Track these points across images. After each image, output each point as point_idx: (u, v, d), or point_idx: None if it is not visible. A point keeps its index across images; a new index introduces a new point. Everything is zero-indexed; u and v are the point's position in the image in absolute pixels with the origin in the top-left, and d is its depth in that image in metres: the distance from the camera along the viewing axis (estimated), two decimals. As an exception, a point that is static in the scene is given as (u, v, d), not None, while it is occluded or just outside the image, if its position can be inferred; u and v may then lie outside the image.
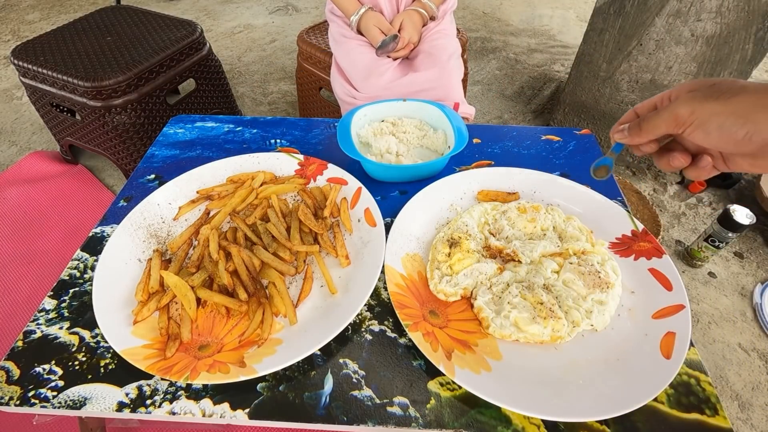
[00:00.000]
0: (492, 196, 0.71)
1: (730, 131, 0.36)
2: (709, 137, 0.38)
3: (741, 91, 0.36)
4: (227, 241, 0.62)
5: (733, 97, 0.36)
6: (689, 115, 0.38)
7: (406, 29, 1.11)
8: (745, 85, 0.36)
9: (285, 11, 2.90)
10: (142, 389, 0.50)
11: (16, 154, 1.78)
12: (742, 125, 0.35)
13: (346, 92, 1.15)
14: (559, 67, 2.33)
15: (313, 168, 0.75)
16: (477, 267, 0.59)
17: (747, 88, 0.36)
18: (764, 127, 0.35)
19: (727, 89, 0.37)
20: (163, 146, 0.84)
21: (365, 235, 0.64)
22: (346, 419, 0.48)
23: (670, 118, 0.39)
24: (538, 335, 0.52)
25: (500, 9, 2.92)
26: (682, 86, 0.41)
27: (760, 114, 0.35)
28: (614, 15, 1.44)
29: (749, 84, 0.36)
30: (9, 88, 2.18)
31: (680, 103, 0.38)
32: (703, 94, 0.38)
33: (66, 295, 0.59)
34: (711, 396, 0.49)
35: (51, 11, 2.88)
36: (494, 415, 0.48)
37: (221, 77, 1.67)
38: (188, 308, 0.54)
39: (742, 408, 1.06)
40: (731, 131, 0.36)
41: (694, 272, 1.36)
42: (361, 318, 0.57)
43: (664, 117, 0.39)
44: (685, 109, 0.38)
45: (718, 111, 0.36)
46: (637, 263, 0.60)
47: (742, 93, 0.36)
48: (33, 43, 1.44)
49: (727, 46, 1.31)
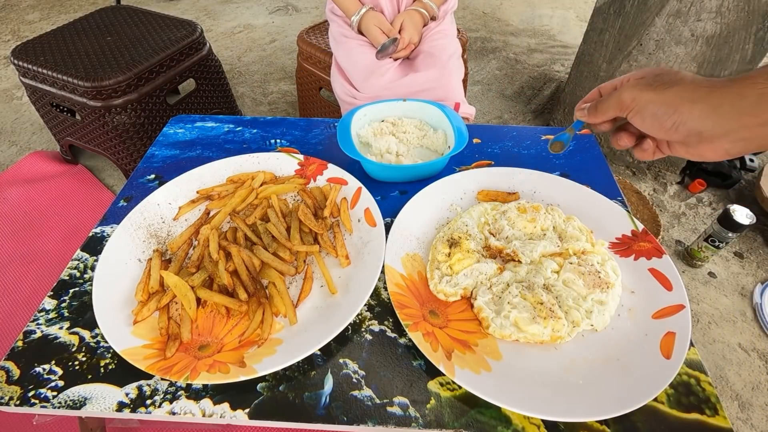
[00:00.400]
0: (492, 196, 0.71)
1: (661, 120, 0.39)
2: (645, 123, 0.41)
3: (676, 82, 0.39)
4: (227, 241, 0.62)
5: (668, 88, 0.39)
6: (630, 101, 0.41)
7: (406, 29, 1.11)
8: (682, 77, 0.39)
9: (285, 11, 2.90)
10: (142, 389, 0.50)
11: (16, 154, 1.79)
12: (671, 116, 0.38)
13: (347, 92, 1.15)
14: (559, 67, 2.33)
15: (313, 168, 0.75)
16: (477, 267, 0.59)
17: (683, 79, 0.39)
18: (688, 117, 0.37)
19: (667, 80, 0.39)
20: (163, 146, 0.84)
21: (365, 235, 0.64)
22: (346, 419, 0.48)
23: (616, 103, 0.42)
24: (538, 335, 0.52)
25: (500, 9, 2.92)
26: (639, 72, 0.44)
27: (686, 105, 0.37)
28: (614, 15, 1.44)
29: (686, 76, 0.39)
30: (9, 88, 2.18)
31: (626, 89, 0.42)
32: (646, 82, 0.41)
33: (66, 295, 0.59)
34: (711, 396, 0.49)
35: (51, 11, 2.88)
36: (494, 415, 0.48)
37: (221, 77, 1.67)
38: (188, 308, 0.54)
39: (742, 408, 1.06)
40: (662, 120, 0.39)
41: (694, 272, 1.36)
42: (361, 318, 0.57)
43: (612, 101, 0.43)
44: (628, 95, 0.41)
45: (653, 99, 0.39)
46: (637, 263, 0.60)
47: (677, 84, 0.38)
48: (33, 43, 1.44)
49: (727, 46, 1.31)
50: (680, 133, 0.38)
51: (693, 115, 0.37)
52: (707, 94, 0.37)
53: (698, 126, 0.37)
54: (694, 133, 0.38)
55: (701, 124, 0.37)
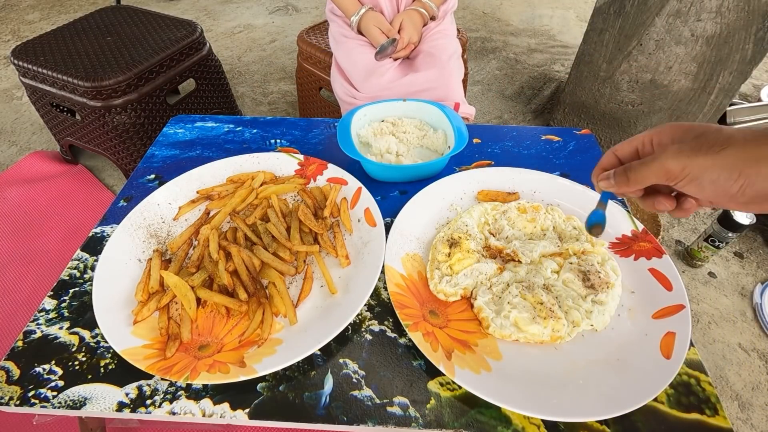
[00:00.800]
0: (492, 196, 0.71)
1: (724, 186, 0.36)
2: (704, 192, 0.37)
3: (729, 142, 0.35)
4: (227, 241, 0.62)
5: (722, 150, 0.35)
6: (680, 170, 0.37)
7: (406, 29, 1.11)
8: (732, 135, 0.36)
9: (285, 11, 2.90)
10: (142, 389, 0.50)
11: (16, 154, 1.78)
12: (736, 180, 0.35)
13: (347, 92, 1.15)
14: (559, 67, 2.33)
15: (313, 168, 0.75)
16: (477, 267, 0.59)
17: (734, 138, 0.36)
18: (756, 180, 0.34)
19: (714, 140, 0.36)
20: (163, 146, 0.84)
21: (365, 235, 0.64)
22: (346, 419, 0.48)
23: (660, 172, 0.38)
24: (538, 335, 0.52)
25: (500, 9, 2.92)
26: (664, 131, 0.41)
27: (753, 168, 0.34)
28: (614, 15, 1.44)
29: (736, 133, 0.36)
30: (9, 88, 2.18)
31: (669, 157, 0.38)
32: (690, 147, 0.37)
33: (66, 295, 0.59)
34: (711, 396, 0.49)
35: (51, 11, 2.88)
36: (494, 415, 0.48)
37: (221, 77, 1.67)
38: (188, 308, 0.54)
39: (742, 408, 1.06)
40: (725, 186, 0.36)
41: (694, 272, 1.36)
42: (361, 318, 0.57)
43: (653, 170, 0.39)
44: (675, 165, 0.37)
45: (710, 166, 0.36)
46: (637, 263, 0.60)
47: (731, 145, 0.35)
48: (33, 43, 1.44)
49: (727, 46, 1.31)
50: (747, 196, 0.35)
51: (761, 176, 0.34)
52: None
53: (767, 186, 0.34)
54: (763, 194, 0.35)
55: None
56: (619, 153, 0.44)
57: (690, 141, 0.38)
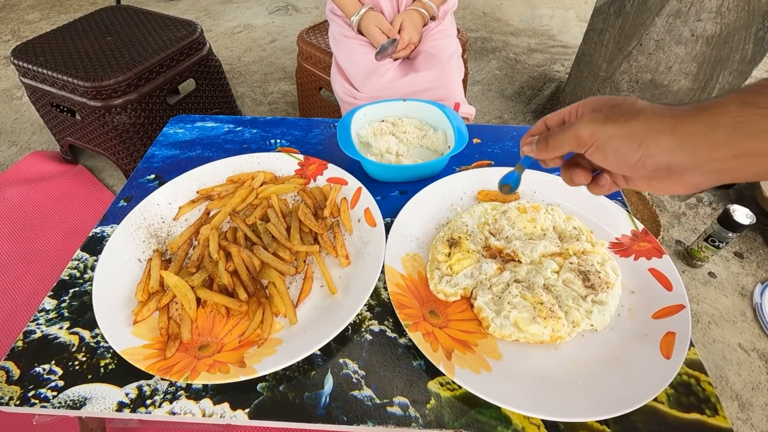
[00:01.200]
0: (492, 196, 0.71)
1: (625, 155, 0.36)
2: (607, 159, 0.38)
3: (638, 113, 0.36)
4: (227, 241, 0.62)
5: (630, 120, 0.36)
6: (590, 136, 0.38)
7: (406, 29, 1.11)
8: (642, 108, 0.36)
9: (285, 11, 2.90)
10: (142, 389, 0.50)
11: (16, 154, 1.79)
12: (636, 150, 0.35)
13: (347, 92, 1.15)
14: (559, 67, 2.33)
15: (313, 168, 0.75)
16: (477, 267, 0.59)
17: (643, 110, 0.36)
18: (655, 151, 0.35)
19: (626, 111, 0.37)
20: (163, 146, 0.84)
21: (365, 235, 0.64)
22: (346, 419, 0.48)
23: (573, 138, 0.39)
24: (538, 335, 0.52)
25: (500, 9, 2.92)
26: (588, 102, 0.41)
27: (652, 139, 0.35)
28: (614, 15, 1.44)
29: (646, 106, 0.36)
30: (9, 88, 2.18)
31: (582, 123, 0.38)
32: (604, 115, 0.38)
33: (66, 295, 0.59)
34: (711, 396, 0.49)
35: (51, 11, 2.88)
36: (494, 415, 0.48)
37: (221, 77, 1.67)
38: (188, 308, 0.54)
39: (742, 408, 1.06)
40: (626, 155, 0.36)
41: (694, 272, 1.36)
42: (361, 318, 0.57)
43: (567, 136, 0.40)
44: (586, 131, 0.38)
45: (615, 134, 0.36)
46: (637, 263, 0.60)
47: (639, 116, 0.36)
48: (33, 43, 1.44)
49: (727, 46, 1.31)
50: (647, 167, 0.36)
51: (660, 148, 0.34)
52: (675, 124, 0.34)
53: (667, 159, 0.34)
54: (662, 167, 0.35)
55: (670, 156, 0.34)
56: (548, 121, 0.46)
57: (605, 111, 0.38)
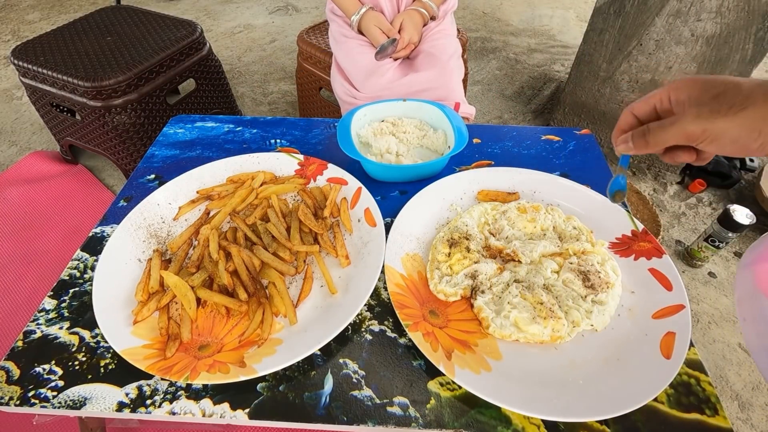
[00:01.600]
0: (492, 196, 0.71)
1: (745, 144, 0.37)
2: (724, 150, 0.38)
3: (748, 101, 0.36)
4: (227, 241, 0.62)
5: (741, 111, 0.36)
6: (701, 133, 0.38)
7: (406, 29, 1.11)
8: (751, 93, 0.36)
9: (285, 11, 2.90)
10: (142, 389, 0.50)
11: (16, 154, 1.78)
12: (756, 139, 0.36)
13: (347, 92, 1.15)
14: (559, 67, 2.33)
15: (313, 168, 0.75)
16: (477, 267, 0.59)
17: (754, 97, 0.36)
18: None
19: (733, 100, 0.36)
20: (163, 146, 0.84)
21: (365, 235, 0.64)
22: (346, 419, 0.48)
23: (681, 135, 0.39)
24: (538, 335, 0.52)
25: (500, 9, 2.92)
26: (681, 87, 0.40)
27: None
28: (614, 15, 1.44)
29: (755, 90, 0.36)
30: (9, 88, 2.18)
31: (688, 120, 0.38)
32: (709, 110, 0.37)
33: (66, 295, 0.59)
34: (711, 396, 0.49)
35: (51, 11, 2.88)
36: (494, 415, 0.48)
37: (221, 77, 1.67)
38: (188, 308, 0.54)
39: (742, 408, 1.06)
40: (746, 143, 0.36)
41: (694, 272, 1.36)
42: (361, 318, 0.57)
43: (672, 133, 0.39)
44: (695, 128, 0.38)
45: (730, 127, 0.36)
46: (637, 263, 0.60)
47: (750, 105, 0.36)
48: (33, 43, 1.44)
49: (727, 46, 1.31)
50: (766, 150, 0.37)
51: None
52: None
53: None
54: None
55: None
56: (637, 112, 0.44)
57: (708, 102, 0.38)
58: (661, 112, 0.42)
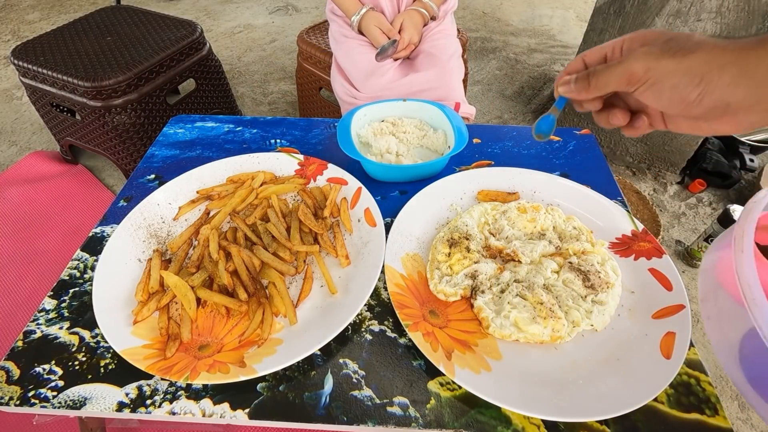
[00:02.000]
0: (492, 196, 0.71)
1: (683, 92, 0.34)
2: (661, 98, 0.35)
3: (697, 47, 0.33)
4: (227, 241, 0.62)
5: (689, 54, 0.33)
6: (644, 72, 0.35)
7: (406, 29, 1.11)
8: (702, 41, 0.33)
9: (285, 11, 2.90)
10: (142, 389, 0.50)
11: (16, 154, 1.79)
12: (696, 86, 0.33)
13: (347, 92, 1.15)
14: (559, 67, 2.33)
15: (313, 168, 0.75)
16: (477, 267, 0.59)
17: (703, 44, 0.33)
18: (716, 87, 0.32)
19: (684, 45, 0.34)
20: (163, 146, 0.84)
21: (365, 235, 0.64)
22: (346, 419, 0.48)
23: (623, 76, 0.36)
24: (538, 335, 0.52)
25: (500, 9, 2.92)
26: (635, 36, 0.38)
27: (714, 73, 0.32)
28: (614, 15, 1.44)
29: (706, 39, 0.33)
30: (9, 88, 2.18)
31: (634, 58, 0.35)
32: (659, 49, 0.34)
33: (66, 295, 0.59)
34: (711, 396, 0.49)
35: (51, 11, 2.88)
36: (494, 415, 0.48)
37: (221, 77, 1.67)
38: (188, 308, 0.54)
39: (742, 408, 1.06)
40: (684, 92, 0.33)
41: (694, 272, 1.36)
42: (361, 318, 0.57)
43: (617, 73, 0.36)
44: (639, 67, 0.35)
45: (673, 69, 0.33)
46: (637, 263, 0.60)
47: (698, 49, 0.33)
48: (33, 43, 1.44)
49: (727, 46, 1.31)
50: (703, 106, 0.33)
51: (723, 83, 0.32)
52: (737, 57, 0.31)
53: (727, 96, 0.32)
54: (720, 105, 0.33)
55: (731, 93, 0.32)
56: (587, 59, 0.41)
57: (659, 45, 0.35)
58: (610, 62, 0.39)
